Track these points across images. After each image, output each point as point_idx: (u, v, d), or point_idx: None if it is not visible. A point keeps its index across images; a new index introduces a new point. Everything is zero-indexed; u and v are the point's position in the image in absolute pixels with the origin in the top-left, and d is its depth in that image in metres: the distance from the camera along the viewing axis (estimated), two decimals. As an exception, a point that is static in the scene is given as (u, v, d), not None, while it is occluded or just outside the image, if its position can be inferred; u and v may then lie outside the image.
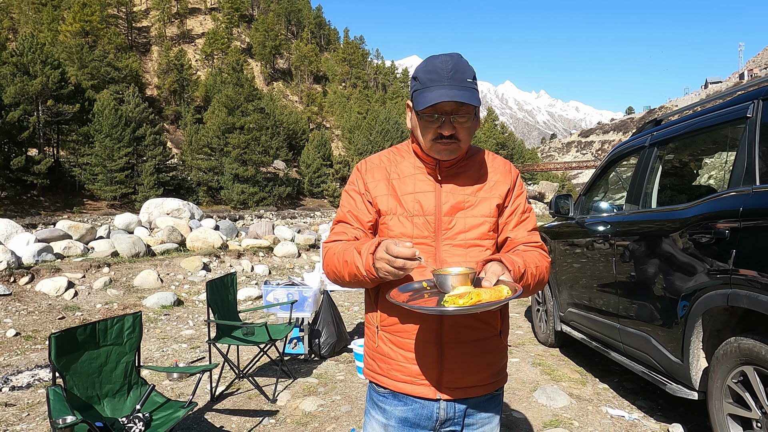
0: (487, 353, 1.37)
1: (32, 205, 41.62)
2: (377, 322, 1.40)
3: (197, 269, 8.78)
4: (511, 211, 1.40)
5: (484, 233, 1.36)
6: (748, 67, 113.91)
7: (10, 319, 5.93)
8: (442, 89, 1.23)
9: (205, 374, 3.94)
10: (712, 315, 2.53)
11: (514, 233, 1.40)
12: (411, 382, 1.35)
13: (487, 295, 1.09)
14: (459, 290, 1.13)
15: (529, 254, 1.33)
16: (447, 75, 1.25)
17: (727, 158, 3.61)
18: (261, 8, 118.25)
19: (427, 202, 1.36)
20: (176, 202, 15.12)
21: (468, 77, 1.26)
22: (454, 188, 1.37)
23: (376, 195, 1.40)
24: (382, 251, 1.17)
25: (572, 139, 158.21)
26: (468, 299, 1.08)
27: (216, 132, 53.51)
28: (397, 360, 1.36)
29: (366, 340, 1.48)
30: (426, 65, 1.28)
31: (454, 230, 1.35)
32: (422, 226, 1.35)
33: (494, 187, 1.39)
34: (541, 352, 4.82)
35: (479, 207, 1.36)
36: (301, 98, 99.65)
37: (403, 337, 1.35)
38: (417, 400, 1.35)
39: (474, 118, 1.32)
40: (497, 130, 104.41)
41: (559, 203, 4.46)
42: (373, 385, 1.44)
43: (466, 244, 1.34)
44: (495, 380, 1.40)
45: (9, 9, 78.81)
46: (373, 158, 1.48)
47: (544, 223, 5.32)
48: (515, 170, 1.45)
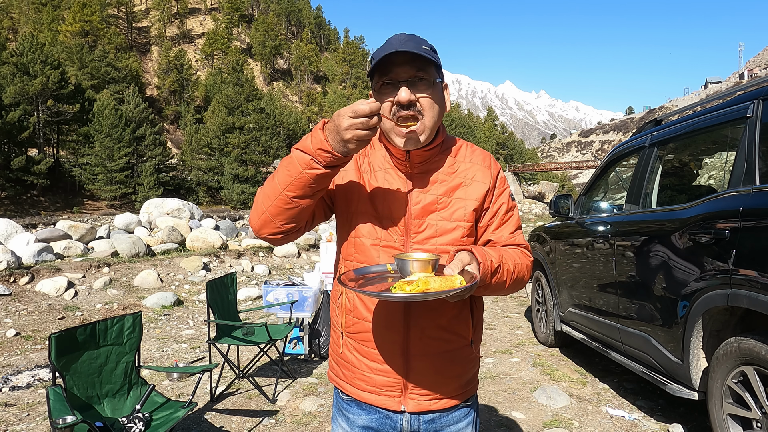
0: (457, 365, 1.28)
1: (32, 205, 41.64)
2: (342, 327, 1.31)
3: (197, 269, 8.78)
4: (493, 212, 1.29)
5: (456, 239, 1.24)
6: (748, 67, 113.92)
7: (10, 319, 5.93)
8: (394, 49, 1.15)
9: (205, 374, 3.94)
10: (712, 315, 2.53)
11: (497, 235, 1.30)
12: (374, 392, 1.27)
13: (436, 284, 1.00)
14: (416, 276, 1.04)
15: (507, 251, 1.24)
16: (401, 41, 1.17)
17: (727, 158, 3.61)
18: (261, 8, 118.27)
19: (397, 202, 1.24)
20: (176, 202, 15.12)
21: (424, 45, 1.17)
22: (426, 187, 1.25)
23: (341, 181, 1.29)
24: (339, 118, 1.04)
25: (572, 139, 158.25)
26: (415, 286, 1.00)
27: (216, 132, 53.54)
28: (361, 369, 1.28)
29: (331, 343, 1.39)
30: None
31: (425, 234, 1.24)
32: (390, 228, 1.24)
33: (471, 186, 1.27)
34: (541, 352, 4.82)
35: (453, 210, 1.25)
36: (301, 98, 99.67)
37: (369, 347, 1.26)
38: (380, 410, 1.28)
39: (437, 87, 1.20)
40: (497, 130, 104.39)
41: (559, 203, 4.46)
42: (338, 391, 1.37)
43: (436, 250, 1.22)
44: (464, 391, 1.31)
45: (9, 9, 78.81)
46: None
47: (544, 223, 5.33)
48: (496, 164, 1.33)
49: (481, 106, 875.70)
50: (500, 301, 7.43)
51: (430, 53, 1.17)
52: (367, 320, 1.25)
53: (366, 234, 1.26)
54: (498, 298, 7.50)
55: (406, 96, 1.15)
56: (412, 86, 1.17)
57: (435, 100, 1.20)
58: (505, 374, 4.19)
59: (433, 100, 1.19)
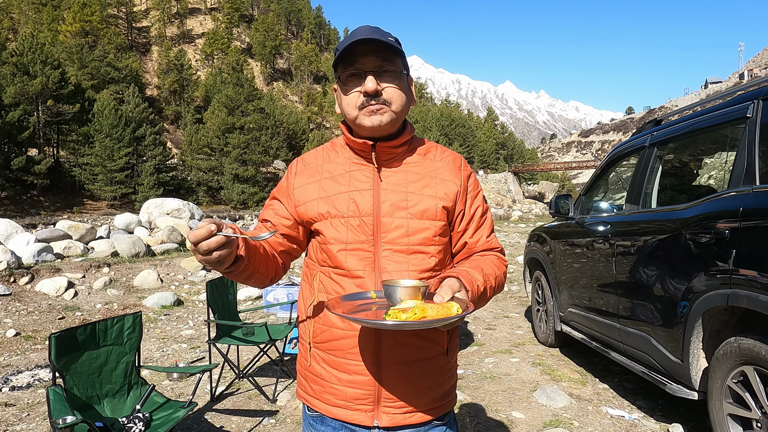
0: (430, 375, 1.21)
1: (32, 205, 41.65)
2: (310, 338, 1.25)
3: (197, 269, 8.79)
4: (469, 216, 1.27)
5: (428, 238, 1.20)
6: (748, 67, 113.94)
7: (10, 319, 5.93)
8: (358, 37, 1.13)
9: (205, 374, 3.94)
10: (712, 315, 2.53)
11: (474, 239, 1.27)
12: (345, 407, 1.20)
13: (433, 312, 0.98)
14: (407, 304, 1.01)
15: (487, 264, 1.22)
16: (366, 31, 1.14)
17: (727, 158, 3.61)
18: (261, 8, 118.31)
19: (364, 201, 1.20)
20: (176, 202, 15.10)
21: (390, 36, 1.16)
22: (395, 184, 1.21)
23: (304, 201, 1.24)
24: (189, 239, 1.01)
25: (572, 139, 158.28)
26: (411, 314, 0.97)
27: (216, 132, 53.56)
28: (330, 382, 1.21)
29: (299, 357, 1.32)
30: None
31: (396, 233, 1.18)
32: (358, 229, 1.19)
33: (442, 185, 1.23)
34: (541, 352, 4.82)
35: (424, 208, 1.20)
36: (301, 98, 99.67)
37: (338, 356, 1.20)
38: (349, 426, 1.21)
39: (403, 78, 1.19)
40: (497, 130, 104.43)
41: (559, 203, 4.46)
42: (305, 408, 1.31)
43: (408, 250, 1.18)
44: (438, 405, 1.23)
45: (9, 9, 78.83)
46: (308, 156, 1.33)
47: (544, 223, 5.33)
48: (467, 166, 1.30)
49: (481, 106, 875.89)
50: (500, 301, 7.43)
51: (395, 43, 1.15)
52: (336, 327, 1.20)
53: (333, 239, 1.20)
54: (497, 298, 7.50)
55: (372, 86, 1.13)
56: (378, 76, 1.15)
57: (402, 90, 1.18)
58: (505, 374, 4.19)
59: (400, 90, 1.18)
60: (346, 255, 1.19)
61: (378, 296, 1.13)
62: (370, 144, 1.20)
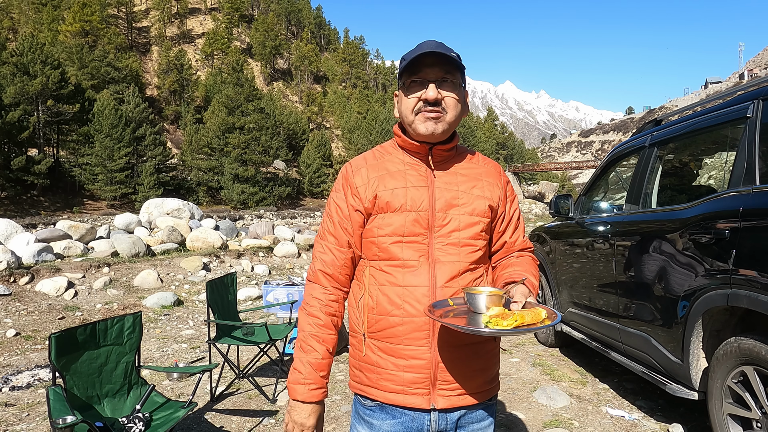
0: (481, 358, 1.31)
1: (32, 205, 41.64)
2: (364, 330, 1.32)
3: (197, 269, 8.79)
4: (509, 219, 1.41)
5: (477, 233, 1.32)
6: (748, 67, 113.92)
7: (10, 319, 5.93)
8: (426, 50, 1.25)
9: (205, 374, 3.94)
10: (712, 315, 2.53)
11: (512, 239, 1.42)
12: (402, 392, 1.27)
13: (529, 318, 1.08)
14: (493, 311, 1.11)
15: (531, 267, 1.37)
16: (432, 44, 1.26)
17: (727, 158, 3.61)
18: (261, 8, 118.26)
19: (420, 196, 1.30)
20: (176, 202, 15.11)
21: (453, 52, 1.26)
22: (447, 183, 1.32)
23: (374, 191, 1.32)
24: (292, 415, 1.30)
25: (572, 139, 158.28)
26: (512, 321, 1.06)
27: (216, 132, 53.55)
28: (386, 368, 1.28)
29: (351, 350, 1.39)
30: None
31: (449, 227, 1.29)
32: (415, 223, 1.29)
33: (487, 187, 1.36)
34: (541, 352, 4.82)
35: (474, 205, 1.32)
36: (301, 98, 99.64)
37: (394, 343, 1.27)
38: (407, 412, 1.28)
39: (461, 91, 1.30)
40: (497, 130, 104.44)
41: (559, 203, 4.46)
42: (359, 398, 1.37)
43: (459, 243, 1.29)
44: (489, 387, 1.34)
45: (9, 9, 78.80)
46: (357, 159, 1.41)
47: (544, 223, 5.33)
48: (505, 175, 1.44)
49: (481, 106, 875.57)
50: (500, 301, 7.43)
51: (457, 58, 1.26)
52: (392, 315, 1.27)
53: (389, 232, 1.29)
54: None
55: (433, 93, 1.24)
56: (439, 86, 1.26)
57: (458, 100, 1.29)
58: (505, 374, 4.19)
59: (456, 99, 1.28)
60: (402, 247, 1.29)
61: (454, 303, 1.23)
62: (427, 147, 1.32)
